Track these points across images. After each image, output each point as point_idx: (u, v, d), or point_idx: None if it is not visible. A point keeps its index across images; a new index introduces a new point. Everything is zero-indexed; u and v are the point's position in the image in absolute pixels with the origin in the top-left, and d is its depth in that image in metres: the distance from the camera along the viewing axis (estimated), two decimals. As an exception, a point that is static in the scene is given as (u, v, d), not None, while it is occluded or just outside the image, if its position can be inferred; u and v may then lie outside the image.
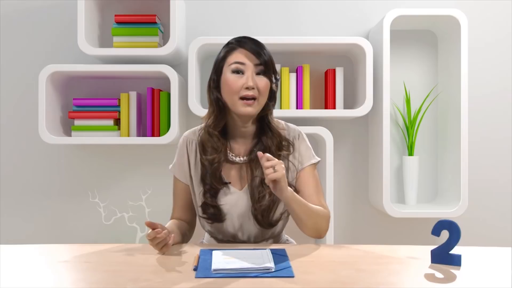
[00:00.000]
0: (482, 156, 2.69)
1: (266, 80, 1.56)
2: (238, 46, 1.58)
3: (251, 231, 1.64)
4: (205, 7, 2.70)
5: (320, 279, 1.21)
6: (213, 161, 1.59)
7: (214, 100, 1.61)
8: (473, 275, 1.27)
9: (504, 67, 2.69)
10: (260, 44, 1.59)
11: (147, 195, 2.66)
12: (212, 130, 1.61)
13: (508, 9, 2.69)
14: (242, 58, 1.56)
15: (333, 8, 2.71)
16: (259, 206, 1.57)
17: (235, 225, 1.63)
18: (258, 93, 1.54)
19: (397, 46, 2.67)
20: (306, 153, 1.66)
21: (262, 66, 1.55)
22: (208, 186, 1.60)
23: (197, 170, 1.65)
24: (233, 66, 1.55)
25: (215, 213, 1.61)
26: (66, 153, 2.70)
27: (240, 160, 1.62)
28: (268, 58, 1.57)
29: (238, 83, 1.54)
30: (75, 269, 1.31)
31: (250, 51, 1.56)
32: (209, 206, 1.61)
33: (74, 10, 2.54)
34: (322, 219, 1.58)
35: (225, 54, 1.59)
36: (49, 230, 2.70)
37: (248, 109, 1.54)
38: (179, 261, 1.37)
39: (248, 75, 1.54)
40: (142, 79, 2.69)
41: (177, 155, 1.70)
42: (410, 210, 2.48)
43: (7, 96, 2.70)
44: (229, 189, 1.61)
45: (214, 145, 1.60)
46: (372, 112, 2.60)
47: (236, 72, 1.55)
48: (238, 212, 1.61)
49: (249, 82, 1.53)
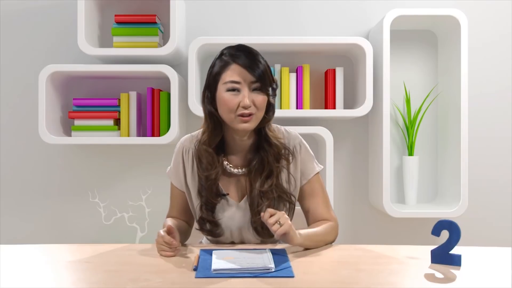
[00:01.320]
0: (482, 156, 2.69)
1: (263, 96, 1.53)
2: (232, 61, 1.52)
3: (250, 241, 1.63)
4: (205, 7, 2.70)
5: (320, 279, 1.21)
6: (208, 177, 1.57)
7: (209, 115, 1.57)
8: (473, 275, 1.27)
9: (504, 67, 2.69)
10: (254, 55, 1.53)
11: (147, 195, 2.66)
12: (207, 147, 1.58)
13: (508, 9, 2.69)
14: (237, 76, 1.50)
15: (333, 8, 2.71)
16: (258, 219, 1.56)
17: (234, 237, 1.62)
18: (256, 109, 1.52)
19: (397, 46, 2.67)
20: (309, 164, 1.64)
21: (257, 83, 1.51)
22: (205, 199, 1.59)
23: (194, 179, 1.63)
24: (228, 85, 1.51)
25: (211, 229, 1.60)
26: (66, 153, 2.70)
27: (238, 172, 1.60)
28: (263, 71, 1.52)
29: (234, 101, 1.50)
30: (75, 269, 1.31)
31: (244, 67, 1.50)
32: (205, 221, 1.59)
33: (74, 10, 2.53)
34: (332, 234, 1.61)
35: (220, 70, 1.54)
36: (49, 230, 2.70)
37: (245, 125, 1.51)
38: (179, 261, 1.37)
39: (244, 94, 1.50)
40: (142, 79, 2.68)
41: (173, 161, 1.68)
42: (410, 210, 2.48)
43: (7, 96, 2.70)
44: (227, 201, 1.60)
45: (209, 160, 1.58)
46: (372, 112, 2.60)
47: (232, 90, 1.51)
48: (237, 225, 1.60)
49: (245, 101, 1.49)
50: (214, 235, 1.61)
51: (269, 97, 1.55)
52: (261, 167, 1.57)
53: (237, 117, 1.51)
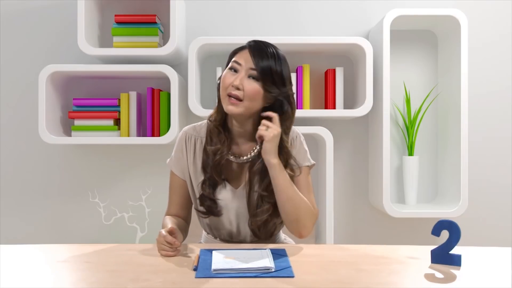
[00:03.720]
0: (482, 156, 2.69)
1: (256, 86, 1.53)
2: (247, 46, 1.58)
3: (247, 231, 1.64)
4: (205, 7, 2.70)
5: (320, 279, 1.21)
6: (216, 151, 1.60)
7: (218, 97, 1.63)
8: (473, 275, 1.27)
9: (504, 67, 2.69)
10: (266, 51, 1.56)
11: (147, 195, 2.66)
12: (216, 124, 1.62)
13: (508, 9, 2.69)
14: (241, 59, 1.56)
15: (333, 8, 2.71)
16: (256, 221, 1.58)
17: (232, 222, 1.64)
18: (244, 95, 1.53)
19: (397, 46, 2.67)
20: (302, 154, 1.66)
21: (255, 72, 1.54)
22: (209, 175, 1.61)
23: (195, 166, 1.65)
24: (231, 64, 1.57)
25: (211, 206, 1.61)
26: (66, 153, 2.70)
27: (236, 159, 1.62)
28: (267, 66, 1.54)
29: (229, 79, 1.55)
30: (75, 269, 1.31)
31: (252, 54, 1.55)
32: (206, 198, 1.62)
33: (74, 10, 2.54)
34: (306, 211, 1.57)
35: (234, 52, 1.61)
36: (49, 230, 2.70)
37: (230, 107, 1.54)
38: (179, 261, 1.37)
39: (239, 76, 1.54)
40: (142, 79, 2.69)
41: (175, 149, 1.70)
42: (410, 210, 2.48)
43: (7, 96, 2.70)
44: (225, 186, 1.62)
45: (219, 137, 1.61)
46: (372, 112, 2.60)
47: (231, 69, 1.57)
48: (235, 209, 1.62)
49: (235, 81, 1.53)
50: (214, 213, 1.63)
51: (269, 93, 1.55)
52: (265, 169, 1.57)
53: (227, 97, 1.55)
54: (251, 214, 1.59)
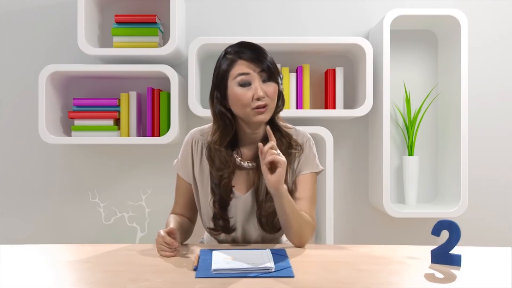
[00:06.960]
0: (482, 156, 2.69)
1: (274, 85, 1.54)
2: (238, 57, 1.53)
3: (251, 236, 1.63)
4: (205, 7, 2.70)
5: (320, 279, 1.21)
6: (222, 176, 1.58)
7: (219, 114, 1.57)
8: (473, 275, 1.27)
9: (504, 67, 2.69)
10: (258, 49, 1.55)
11: (147, 195, 2.66)
12: (219, 147, 1.58)
13: (508, 9, 2.69)
14: (245, 68, 1.52)
15: (333, 8, 2.71)
16: (264, 210, 1.57)
17: (238, 231, 1.63)
18: (269, 100, 1.53)
19: (397, 46, 2.67)
20: (311, 159, 1.64)
21: (266, 73, 1.53)
22: (218, 197, 1.59)
23: (201, 171, 1.64)
24: (238, 79, 1.52)
25: (224, 226, 1.60)
26: (66, 153, 2.70)
27: (248, 165, 1.60)
28: (270, 61, 1.54)
29: (247, 95, 1.51)
30: (75, 269, 1.31)
31: (251, 61, 1.52)
32: (219, 218, 1.60)
33: (74, 10, 2.54)
34: (307, 226, 1.56)
35: (227, 68, 1.54)
36: (49, 230, 2.70)
37: (261, 117, 1.53)
38: (179, 261, 1.37)
39: (256, 86, 1.51)
40: (142, 79, 2.68)
41: (182, 153, 1.68)
42: (410, 210, 2.48)
43: (7, 96, 2.70)
44: (233, 193, 1.61)
45: (222, 159, 1.58)
46: (372, 112, 2.60)
47: (243, 85, 1.52)
48: (240, 217, 1.61)
49: (258, 92, 1.50)
50: (228, 231, 1.61)
51: (279, 86, 1.57)
52: None
53: (253, 110, 1.52)
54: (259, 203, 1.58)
